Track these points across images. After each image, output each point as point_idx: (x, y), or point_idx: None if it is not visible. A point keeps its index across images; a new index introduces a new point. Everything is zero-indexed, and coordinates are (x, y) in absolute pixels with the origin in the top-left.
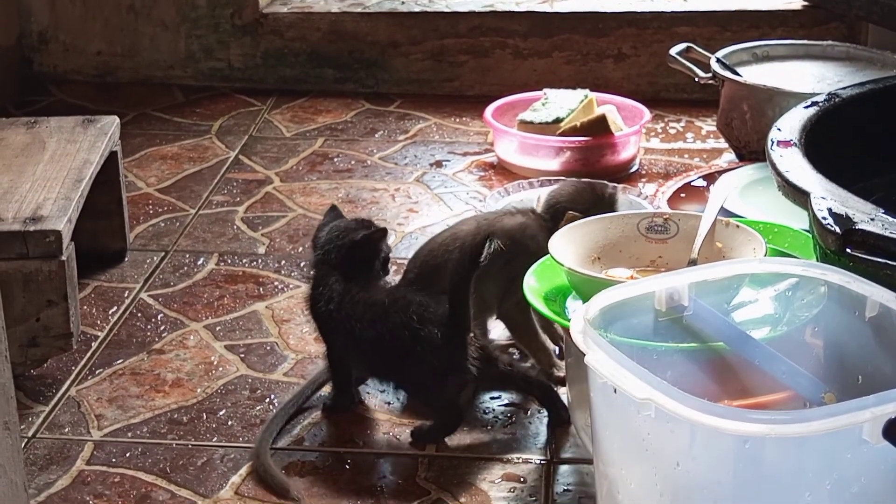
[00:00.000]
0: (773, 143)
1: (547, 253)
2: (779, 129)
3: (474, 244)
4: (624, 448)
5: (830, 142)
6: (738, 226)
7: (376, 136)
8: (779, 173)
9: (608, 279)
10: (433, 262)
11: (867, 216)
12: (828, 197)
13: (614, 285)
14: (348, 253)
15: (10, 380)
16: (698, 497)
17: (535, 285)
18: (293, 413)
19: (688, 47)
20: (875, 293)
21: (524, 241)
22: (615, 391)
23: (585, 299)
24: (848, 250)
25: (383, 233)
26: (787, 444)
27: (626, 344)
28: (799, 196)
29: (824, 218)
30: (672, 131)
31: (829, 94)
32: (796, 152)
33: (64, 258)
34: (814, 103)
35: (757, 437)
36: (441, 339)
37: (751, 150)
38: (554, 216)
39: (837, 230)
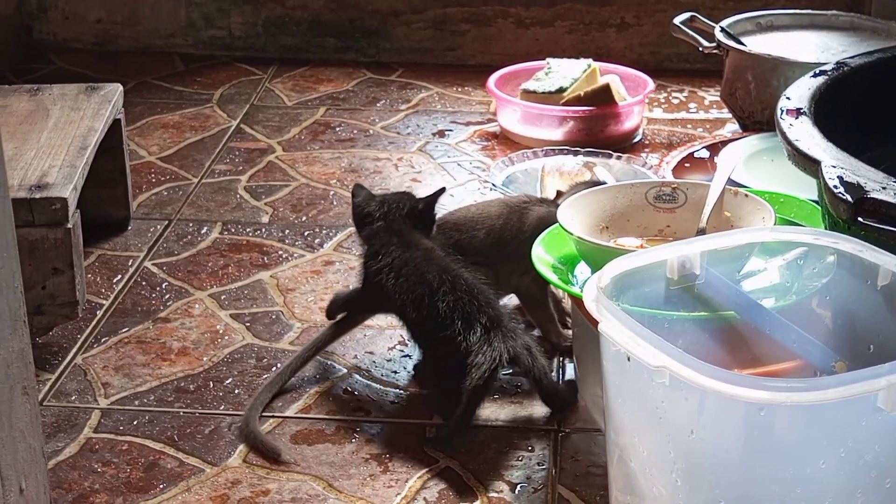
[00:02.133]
0: (782, 111)
1: None
2: (788, 98)
3: None
4: (637, 416)
5: (839, 111)
6: (746, 195)
7: (378, 105)
8: (789, 142)
9: (618, 248)
10: (458, 237)
11: (879, 185)
12: (839, 165)
13: (624, 254)
14: (412, 217)
15: (28, 345)
16: (712, 464)
17: (543, 255)
18: (286, 380)
19: (692, 16)
20: (887, 262)
21: None
22: (629, 359)
23: (595, 268)
24: (860, 219)
25: (442, 191)
26: (801, 412)
27: (637, 313)
28: (809, 165)
29: (836, 187)
30: (675, 101)
31: (837, 62)
32: (806, 121)
33: (70, 226)
34: (822, 72)
35: (772, 404)
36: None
37: (755, 120)
38: None
39: (849, 199)
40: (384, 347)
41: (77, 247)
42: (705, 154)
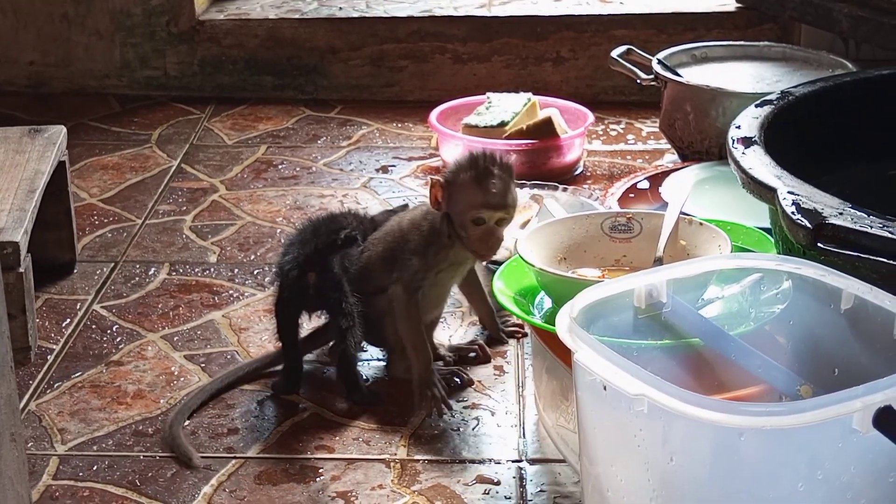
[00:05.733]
0: (734, 140)
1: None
2: (738, 128)
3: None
4: (613, 445)
5: (786, 139)
6: (701, 223)
7: (319, 142)
8: (743, 170)
9: (580, 279)
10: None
11: (836, 210)
12: (794, 192)
13: (586, 285)
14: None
15: (14, 391)
16: (692, 490)
17: (503, 287)
18: (215, 394)
19: (628, 49)
20: (850, 285)
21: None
22: (605, 388)
23: (556, 299)
24: (819, 244)
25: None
26: (780, 436)
27: (607, 342)
28: (765, 192)
29: (793, 213)
30: (613, 133)
31: (782, 92)
32: (758, 149)
33: (21, 270)
34: (767, 101)
35: (752, 429)
36: None
37: (694, 150)
38: None
39: (808, 225)
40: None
41: (29, 291)
42: (646, 185)
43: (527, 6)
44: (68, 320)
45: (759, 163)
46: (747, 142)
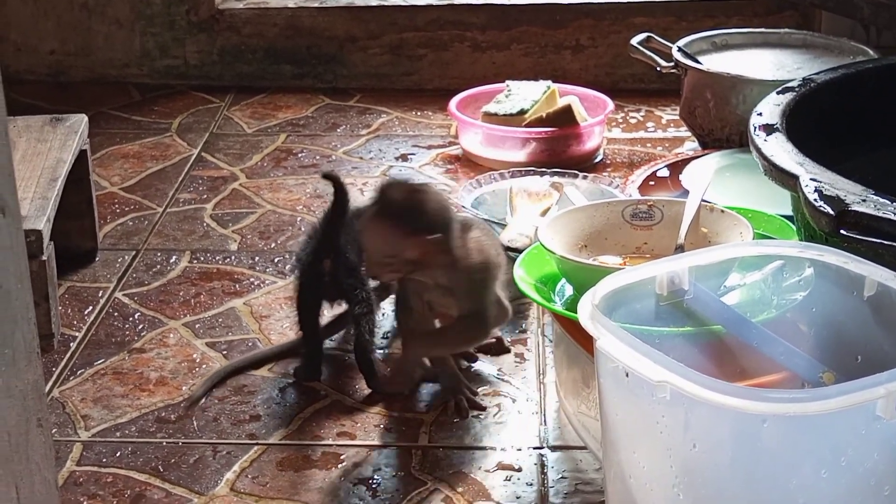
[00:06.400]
0: (755, 127)
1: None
2: (759, 115)
3: None
4: (635, 431)
5: (807, 126)
6: (722, 211)
7: (338, 130)
8: (765, 158)
9: (602, 266)
10: None
11: (858, 197)
12: (817, 179)
13: (608, 272)
14: None
15: (41, 377)
16: (715, 477)
17: (523, 275)
18: (231, 373)
19: (648, 37)
20: (873, 272)
21: None
22: (627, 375)
23: (577, 287)
24: (842, 231)
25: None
26: (803, 423)
27: (628, 329)
28: (787, 179)
29: (816, 200)
30: (633, 121)
31: (804, 79)
32: (780, 136)
33: (45, 258)
34: (788, 89)
35: (775, 416)
36: None
37: (714, 137)
38: None
39: (831, 212)
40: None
41: (52, 279)
42: (666, 173)
43: None
44: (90, 308)
45: (780, 150)
46: (769, 129)
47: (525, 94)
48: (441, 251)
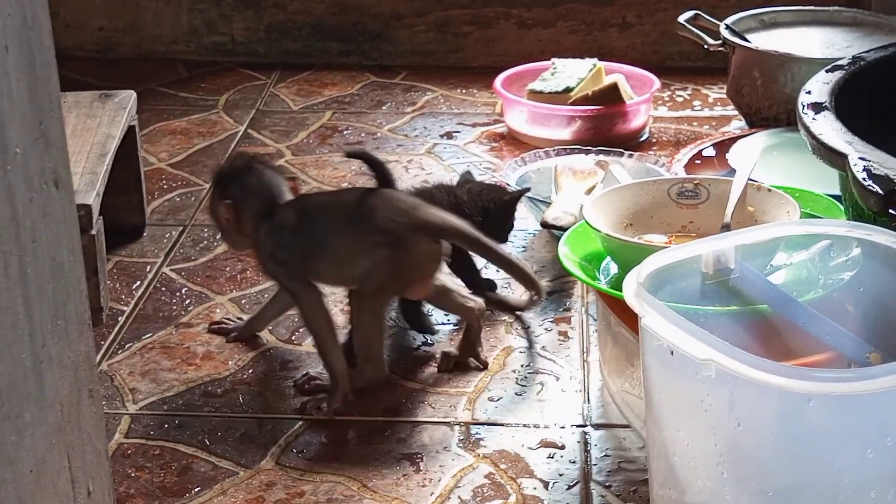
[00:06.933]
0: (804, 106)
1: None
2: (808, 93)
3: None
4: (680, 410)
5: (857, 104)
6: (769, 190)
7: (384, 108)
8: (813, 136)
9: (647, 244)
10: None
11: None
12: (866, 158)
13: (653, 250)
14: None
15: (92, 348)
16: (759, 455)
17: (568, 252)
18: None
19: (695, 14)
20: None
21: None
22: (672, 353)
23: (622, 265)
24: (891, 211)
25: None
26: (849, 402)
27: (673, 308)
28: (836, 158)
29: (864, 179)
30: (679, 99)
31: (853, 57)
32: (829, 115)
33: (94, 232)
34: (838, 67)
35: (821, 395)
36: None
37: (762, 116)
38: None
39: (879, 191)
40: (408, 348)
41: (101, 253)
42: (712, 152)
43: None
44: (138, 282)
45: (829, 128)
46: (817, 107)
47: (571, 72)
48: (239, 219)
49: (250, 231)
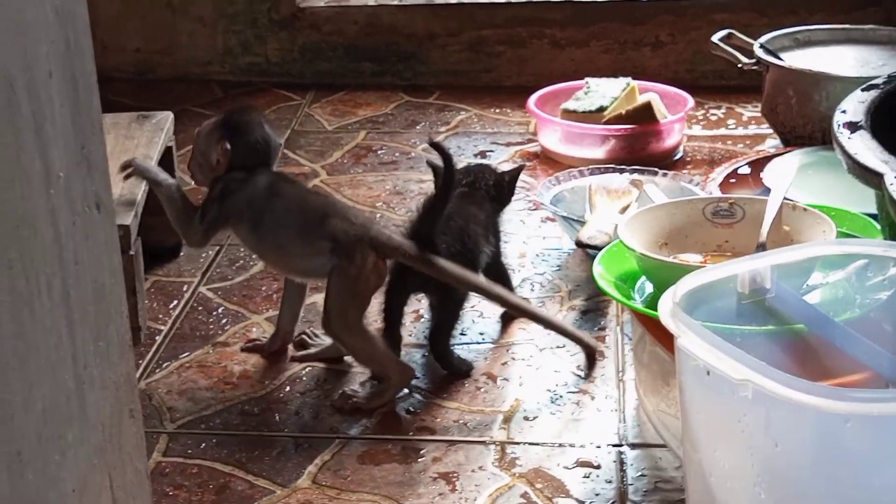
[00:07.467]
0: (839, 125)
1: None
2: (843, 112)
3: None
4: (716, 430)
5: (891, 124)
6: (805, 209)
7: (417, 127)
8: (849, 156)
9: (683, 264)
10: None
11: None
12: None
13: (688, 270)
14: (497, 188)
15: (133, 368)
16: (797, 477)
17: (603, 272)
18: None
19: (729, 33)
20: None
21: None
22: (708, 373)
23: (658, 284)
24: None
25: (523, 167)
26: (888, 423)
27: (709, 327)
28: (871, 177)
29: None
30: (713, 118)
31: (889, 76)
32: (865, 134)
33: (132, 252)
34: (873, 86)
35: (858, 415)
36: None
37: (797, 134)
38: None
39: None
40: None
41: (139, 273)
42: (747, 171)
43: None
44: (175, 302)
45: (865, 147)
46: (853, 126)
47: (604, 91)
48: (229, 164)
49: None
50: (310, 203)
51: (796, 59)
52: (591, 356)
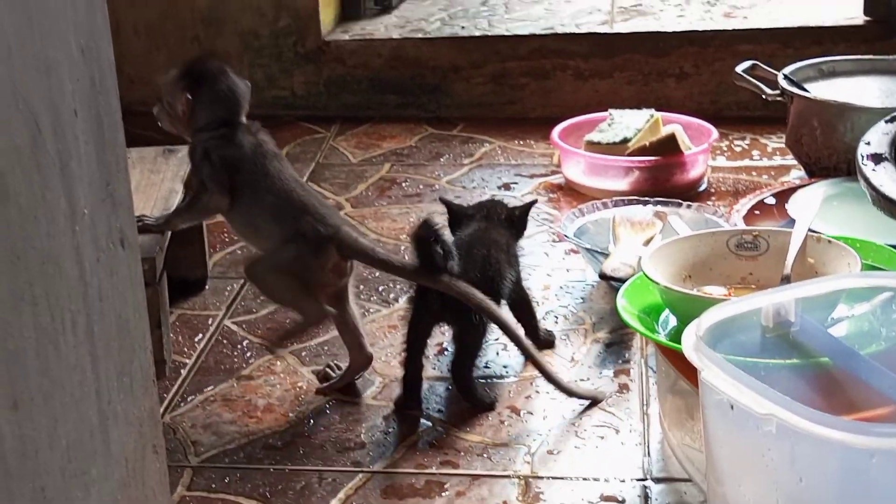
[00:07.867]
0: (863, 157)
1: None
2: (867, 144)
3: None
4: (740, 464)
5: None
6: (829, 241)
7: (441, 160)
8: (873, 187)
9: (706, 297)
10: None
11: None
12: None
13: (712, 302)
14: (509, 222)
15: (157, 404)
16: None
17: (626, 305)
18: None
19: (753, 65)
20: None
21: None
22: (732, 407)
23: (681, 317)
24: None
25: (535, 202)
26: None
27: (733, 361)
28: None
29: None
30: (738, 149)
31: None
32: (889, 166)
33: (158, 286)
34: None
35: (885, 451)
36: None
37: (821, 166)
38: None
39: None
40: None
41: (164, 307)
42: (772, 201)
43: (649, 22)
44: (200, 335)
45: (889, 179)
46: (877, 158)
47: (628, 123)
48: (192, 114)
49: (191, 127)
50: (293, 197)
51: (821, 90)
52: (597, 402)
